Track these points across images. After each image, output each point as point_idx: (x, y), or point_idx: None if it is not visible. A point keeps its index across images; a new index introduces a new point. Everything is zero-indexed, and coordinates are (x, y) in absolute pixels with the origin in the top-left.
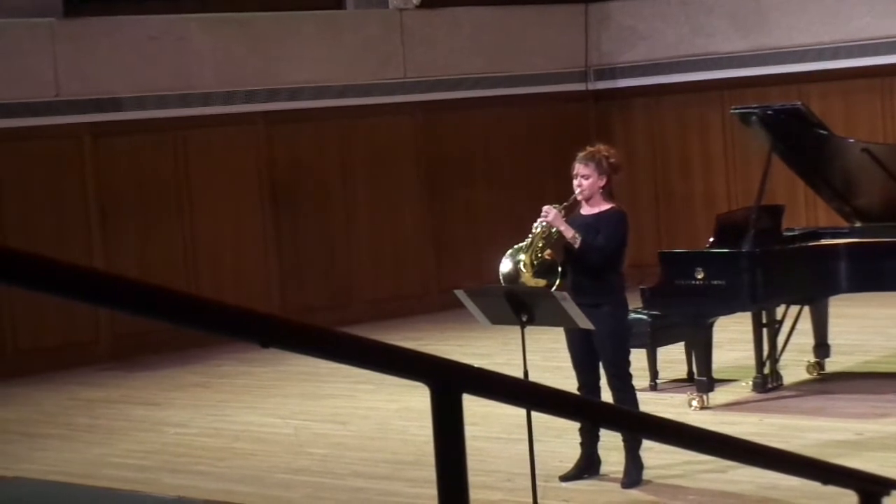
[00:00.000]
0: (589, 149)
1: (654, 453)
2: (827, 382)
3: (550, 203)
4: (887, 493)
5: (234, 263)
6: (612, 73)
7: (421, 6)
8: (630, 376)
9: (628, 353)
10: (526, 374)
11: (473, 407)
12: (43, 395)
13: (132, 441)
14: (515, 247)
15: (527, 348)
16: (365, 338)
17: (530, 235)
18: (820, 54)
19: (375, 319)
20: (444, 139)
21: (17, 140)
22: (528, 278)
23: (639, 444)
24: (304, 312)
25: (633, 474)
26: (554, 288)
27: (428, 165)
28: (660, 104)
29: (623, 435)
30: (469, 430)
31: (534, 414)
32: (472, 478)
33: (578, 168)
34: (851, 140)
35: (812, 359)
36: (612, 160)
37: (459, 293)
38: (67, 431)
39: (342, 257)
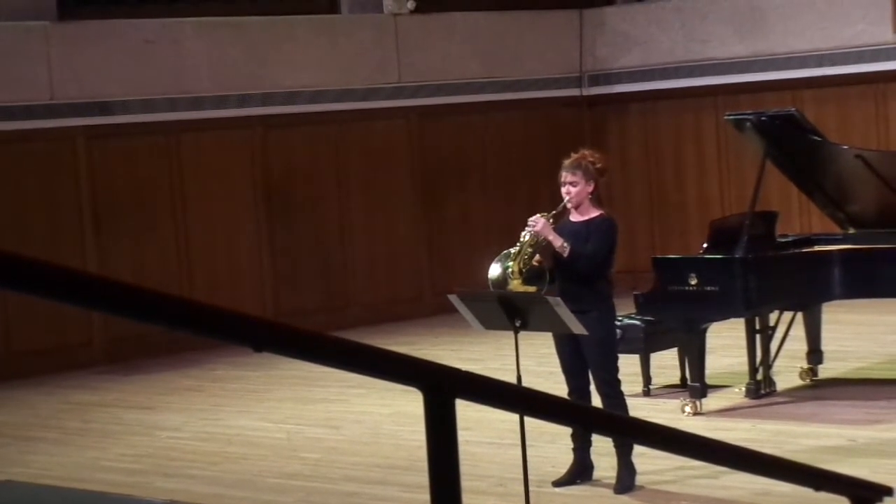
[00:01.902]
0: (574, 156)
1: (646, 459)
2: (820, 388)
3: (544, 210)
4: (879, 500)
5: (228, 267)
6: (607, 78)
7: (415, 11)
8: (619, 382)
9: (617, 358)
10: (519, 378)
11: (466, 412)
12: (35, 399)
13: (125, 445)
14: (504, 252)
15: (520, 353)
16: (358, 342)
17: (519, 244)
18: (814, 61)
19: (370, 324)
20: (438, 144)
21: (10, 143)
22: (516, 285)
23: (630, 449)
24: (298, 317)
25: (626, 480)
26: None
27: (422, 170)
28: (654, 110)
29: (614, 440)
30: (462, 435)
31: (527, 419)
32: (465, 483)
33: (566, 176)
34: (845, 146)
35: (805, 365)
36: (598, 165)
37: (453, 298)
38: (60, 435)
39: (336, 261)
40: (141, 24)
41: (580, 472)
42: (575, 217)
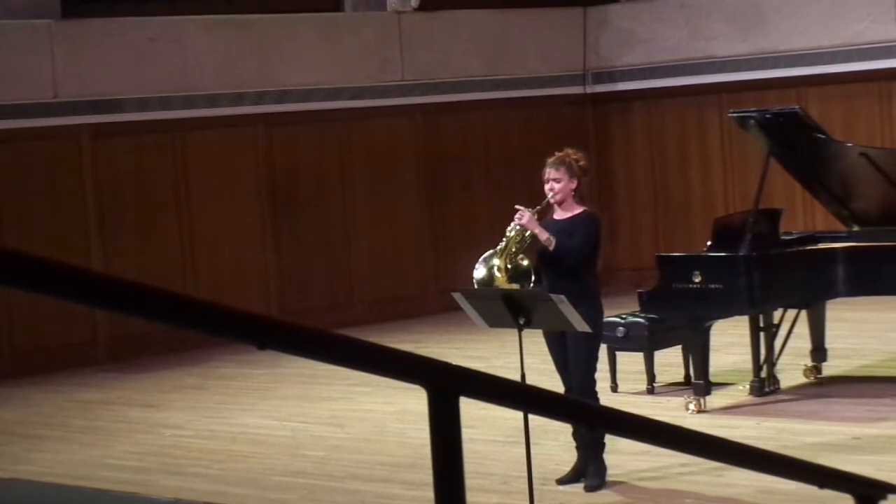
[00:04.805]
0: (558, 154)
1: (650, 457)
2: (824, 386)
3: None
4: (883, 497)
5: (233, 265)
6: (611, 76)
7: (419, 9)
8: (594, 381)
9: (597, 358)
10: (523, 376)
11: (471, 410)
12: (40, 397)
13: (129, 443)
14: (489, 252)
15: (524, 351)
16: (362, 340)
17: (504, 239)
18: (818, 58)
19: (374, 321)
20: (442, 142)
21: (15, 141)
22: (502, 282)
23: (603, 447)
24: (303, 314)
25: (595, 478)
26: None
27: (426, 168)
28: (658, 107)
29: (590, 436)
30: (466, 433)
31: (531, 417)
32: (469, 480)
33: (549, 173)
34: (849, 144)
35: (809, 362)
36: (581, 163)
37: (457, 296)
38: (64, 433)
39: (341, 259)
40: (144, 22)
41: (584, 470)
42: (559, 214)
